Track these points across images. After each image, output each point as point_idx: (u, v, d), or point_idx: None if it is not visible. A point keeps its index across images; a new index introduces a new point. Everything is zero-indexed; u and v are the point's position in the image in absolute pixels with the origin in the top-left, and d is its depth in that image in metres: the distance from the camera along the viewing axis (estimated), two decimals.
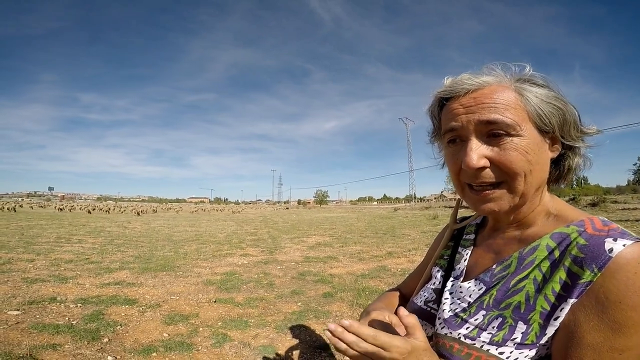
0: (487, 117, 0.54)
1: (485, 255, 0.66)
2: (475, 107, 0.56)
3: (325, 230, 14.45)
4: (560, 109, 0.56)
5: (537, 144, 0.55)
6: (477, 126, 0.55)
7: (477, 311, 0.58)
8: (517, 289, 0.55)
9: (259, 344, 3.11)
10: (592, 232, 0.52)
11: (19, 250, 7.89)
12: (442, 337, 0.60)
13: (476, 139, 0.56)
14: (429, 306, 0.70)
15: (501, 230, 0.65)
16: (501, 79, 0.58)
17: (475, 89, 0.57)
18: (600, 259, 0.48)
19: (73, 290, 4.68)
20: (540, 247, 0.56)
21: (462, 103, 0.57)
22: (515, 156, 0.54)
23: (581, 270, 0.49)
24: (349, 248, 9.05)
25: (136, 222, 19.36)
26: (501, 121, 0.53)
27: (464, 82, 0.58)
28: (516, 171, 0.54)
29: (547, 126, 0.55)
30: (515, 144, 0.54)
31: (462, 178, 0.59)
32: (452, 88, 0.59)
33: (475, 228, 0.75)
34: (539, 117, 0.55)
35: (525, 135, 0.54)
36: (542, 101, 0.55)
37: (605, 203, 21.85)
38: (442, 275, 0.72)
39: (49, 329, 3.24)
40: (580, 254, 0.50)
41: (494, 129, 0.54)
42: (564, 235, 0.55)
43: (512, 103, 0.55)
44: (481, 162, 0.55)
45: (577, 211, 0.60)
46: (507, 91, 0.56)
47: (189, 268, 6.34)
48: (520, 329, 0.52)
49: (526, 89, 0.56)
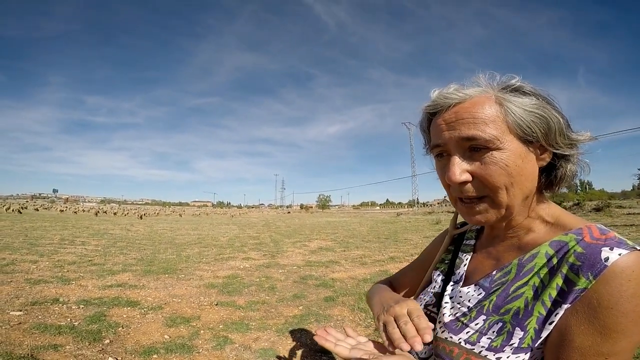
0: (466, 133, 0.55)
1: (485, 261, 0.67)
2: (455, 122, 0.57)
3: (328, 235, 14.42)
4: (543, 117, 0.55)
5: (519, 155, 0.55)
6: (458, 142, 0.56)
7: (477, 316, 0.59)
8: (517, 295, 0.56)
9: (259, 347, 3.10)
10: (589, 240, 0.52)
11: (23, 251, 7.93)
12: (442, 341, 0.61)
13: (458, 154, 0.57)
14: (429, 309, 0.70)
15: (500, 238, 0.65)
16: (484, 90, 0.58)
17: (457, 102, 0.57)
18: (596, 267, 0.48)
19: (75, 291, 4.69)
20: (539, 255, 0.57)
21: (444, 119, 0.58)
22: (494, 170, 0.54)
23: (577, 277, 0.50)
24: (350, 252, 9.02)
25: (139, 225, 19.42)
26: (479, 137, 0.54)
27: (447, 96, 0.58)
28: (496, 184, 0.54)
29: (530, 136, 0.55)
30: (495, 157, 0.54)
31: (452, 192, 0.60)
32: (436, 103, 0.60)
33: (475, 234, 0.75)
34: (519, 128, 0.54)
35: (505, 148, 0.54)
36: (524, 111, 0.55)
37: (610, 208, 21.62)
38: (443, 279, 0.73)
39: (50, 330, 3.25)
40: (577, 261, 0.51)
41: (473, 144, 0.55)
42: (562, 243, 0.55)
43: (491, 116, 0.55)
44: (462, 177, 0.56)
45: (576, 218, 0.60)
46: (487, 103, 0.56)
47: (191, 271, 6.34)
48: (517, 335, 0.53)
49: (507, 99, 0.56)
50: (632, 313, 0.46)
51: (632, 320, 0.46)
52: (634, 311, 0.46)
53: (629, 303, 0.46)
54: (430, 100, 0.62)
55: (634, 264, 0.47)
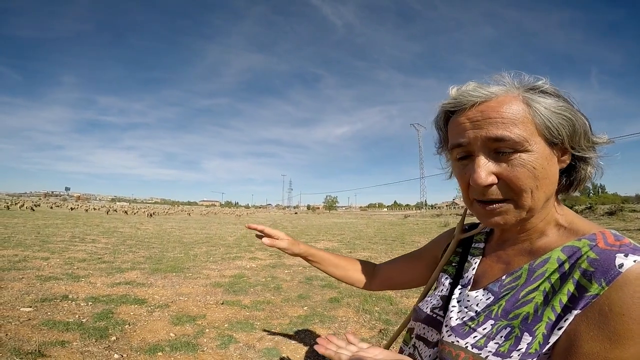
0: (494, 133, 0.53)
1: (495, 265, 0.65)
2: (482, 121, 0.54)
3: (334, 236, 14.40)
4: (570, 119, 0.54)
5: (545, 157, 0.54)
6: (485, 142, 0.54)
7: (485, 320, 0.58)
8: (527, 300, 0.55)
9: (263, 347, 3.10)
10: (603, 246, 0.51)
11: (35, 248, 8.08)
12: (448, 345, 0.60)
13: (484, 155, 0.55)
14: (435, 312, 0.69)
15: (511, 241, 0.64)
16: (509, 89, 0.56)
17: (482, 101, 0.56)
18: (610, 273, 0.47)
19: (85, 288, 4.76)
20: (551, 260, 0.55)
21: (468, 117, 0.56)
22: (522, 172, 0.53)
23: (589, 283, 0.49)
24: (357, 254, 8.99)
25: (148, 224, 19.65)
26: (509, 138, 0.52)
27: (470, 93, 0.56)
28: (523, 188, 0.53)
29: (556, 138, 0.54)
30: (523, 160, 0.53)
31: (470, 193, 0.59)
32: (458, 100, 0.58)
33: (485, 237, 0.74)
34: (547, 130, 0.53)
35: (533, 150, 0.53)
36: (551, 112, 0.54)
37: (623, 212, 21.13)
38: (450, 282, 0.72)
39: (59, 326, 3.30)
40: (590, 267, 0.50)
41: (502, 146, 0.53)
42: (575, 248, 0.54)
43: (519, 117, 0.53)
44: (489, 180, 0.54)
45: (589, 223, 0.59)
46: (515, 103, 0.54)
47: (198, 270, 6.39)
48: (525, 340, 0.52)
49: (534, 99, 0.54)
50: None
51: None
52: None
53: None
54: (450, 97, 0.60)
55: None
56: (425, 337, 0.69)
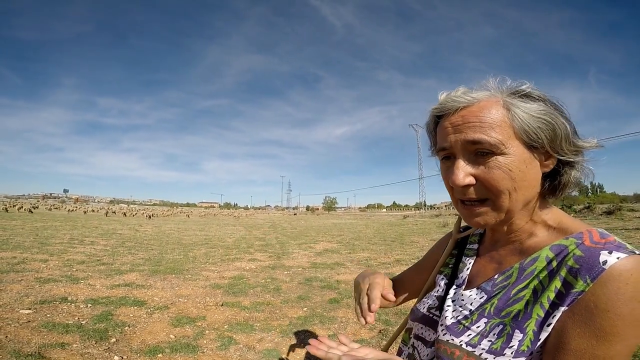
0: (472, 137, 0.56)
1: (488, 265, 0.67)
2: (462, 126, 0.57)
3: (333, 237, 14.42)
4: (550, 123, 0.55)
5: (523, 160, 0.55)
6: (464, 145, 0.57)
7: (478, 319, 0.59)
8: (517, 298, 0.56)
9: (263, 348, 3.11)
10: (589, 244, 0.53)
11: (34, 250, 8.07)
12: (444, 344, 0.61)
13: (463, 157, 0.58)
14: (431, 312, 0.71)
15: (502, 242, 0.66)
16: (493, 94, 0.58)
17: (465, 105, 0.58)
18: (594, 270, 0.49)
19: (84, 290, 4.76)
20: (540, 259, 0.57)
21: (451, 122, 0.59)
22: (498, 174, 0.55)
23: (575, 280, 0.50)
24: (356, 255, 9.00)
25: (147, 226, 19.63)
26: (485, 141, 0.54)
27: (454, 99, 0.59)
28: (499, 189, 0.55)
29: (535, 142, 0.55)
30: (499, 162, 0.55)
31: (455, 194, 0.61)
32: (444, 106, 0.60)
33: (478, 237, 0.76)
34: (525, 134, 0.55)
35: (510, 153, 0.55)
36: (531, 116, 0.55)
37: (622, 211, 21.20)
38: (446, 283, 0.73)
39: (58, 328, 3.30)
40: (575, 264, 0.51)
41: (479, 148, 0.56)
42: (562, 246, 0.56)
43: (497, 121, 0.55)
44: (466, 180, 0.56)
45: (578, 222, 0.60)
46: (495, 107, 0.56)
47: (198, 271, 6.39)
48: (517, 337, 0.53)
49: (515, 104, 0.56)
50: (628, 316, 0.46)
51: (628, 323, 0.46)
52: (631, 314, 0.46)
53: (626, 306, 0.46)
54: (438, 102, 0.62)
55: (632, 268, 0.47)
56: (423, 337, 0.71)
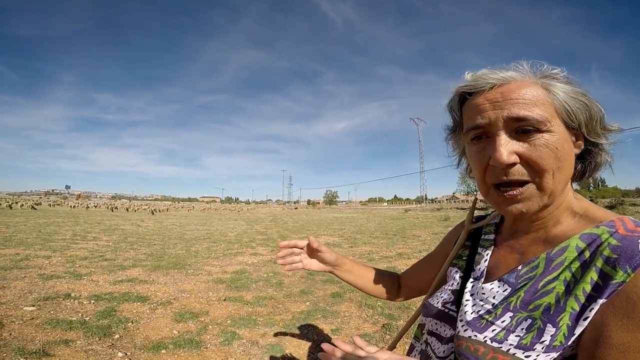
0: (516, 113, 0.53)
1: (508, 256, 0.64)
2: (503, 102, 0.54)
3: (335, 231, 14.43)
4: (587, 105, 0.55)
5: (565, 140, 0.54)
6: (506, 122, 0.54)
7: (503, 313, 0.56)
8: (547, 290, 0.53)
9: (266, 343, 3.11)
10: (624, 232, 0.50)
11: (36, 247, 8.09)
12: (465, 340, 0.58)
13: (505, 134, 0.54)
14: (447, 307, 0.68)
15: (524, 231, 0.62)
16: (526, 75, 0.56)
17: (501, 83, 0.55)
18: (635, 259, 0.46)
19: (87, 286, 4.77)
20: (569, 248, 0.54)
21: (488, 98, 0.55)
22: (546, 152, 0.52)
23: (613, 270, 0.47)
24: (358, 249, 9.01)
25: (149, 221, 19.67)
26: (531, 117, 0.52)
27: (489, 76, 0.56)
28: (546, 168, 0.52)
29: (574, 122, 0.55)
30: (546, 140, 0.52)
31: (487, 178, 0.57)
32: (476, 82, 0.57)
33: (494, 228, 0.72)
34: (566, 113, 0.54)
35: (555, 131, 0.53)
36: (570, 97, 0.54)
37: (624, 206, 21.20)
38: (461, 276, 0.70)
39: (62, 325, 3.31)
40: (613, 254, 0.48)
41: (523, 125, 0.53)
42: (594, 236, 0.53)
43: (540, 99, 0.53)
44: (512, 158, 0.53)
45: (605, 211, 0.58)
46: (534, 87, 0.54)
47: (200, 266, 6.40)
48: (549, 332, 0.50)
49: (553, 84, 0.55)
50: None
51: None
52: None
53: None
54: (467, 80, 0.59)
55: None
56: (437, 333, 0.68)
